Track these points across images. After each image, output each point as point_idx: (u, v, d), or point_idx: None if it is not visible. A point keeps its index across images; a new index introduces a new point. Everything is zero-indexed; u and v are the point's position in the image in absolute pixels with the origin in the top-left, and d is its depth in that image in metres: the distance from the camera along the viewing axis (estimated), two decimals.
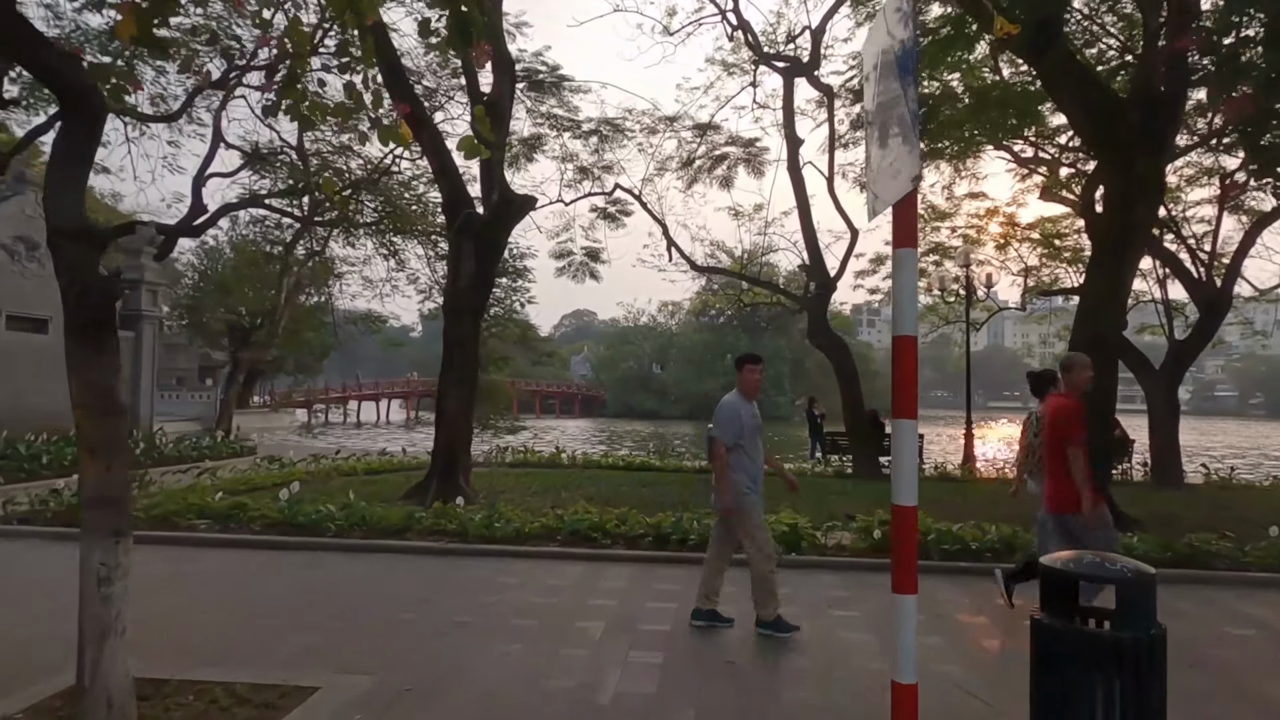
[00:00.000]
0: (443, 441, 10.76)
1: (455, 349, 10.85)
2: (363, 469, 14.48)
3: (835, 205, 17.68)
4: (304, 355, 50.81)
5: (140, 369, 17.93)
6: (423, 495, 10.29)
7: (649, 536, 8.19)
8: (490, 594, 6.51)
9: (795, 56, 17.94)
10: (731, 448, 5.52)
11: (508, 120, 12.39)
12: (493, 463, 16.64)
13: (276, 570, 7.33)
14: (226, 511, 8.98)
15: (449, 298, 11.11)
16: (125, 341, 17.79)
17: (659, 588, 6.78)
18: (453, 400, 10.83)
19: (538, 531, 8.36)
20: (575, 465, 16.48)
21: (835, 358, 16.42)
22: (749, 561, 5.60)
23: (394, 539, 8.28)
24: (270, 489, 11.21)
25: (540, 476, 13.74)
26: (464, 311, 10.84)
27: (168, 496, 9.70)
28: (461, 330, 10.81)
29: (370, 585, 6.82)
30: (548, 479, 13.33)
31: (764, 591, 5.49)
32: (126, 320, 18.08)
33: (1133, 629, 2.98)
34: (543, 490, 11.93)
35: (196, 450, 15.79)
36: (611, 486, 12.67)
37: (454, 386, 10.84)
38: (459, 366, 10.86)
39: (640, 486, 12.85)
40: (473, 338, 11.08)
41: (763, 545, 5.54)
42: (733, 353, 77.80)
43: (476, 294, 10.99)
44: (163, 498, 9.64)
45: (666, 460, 17.09)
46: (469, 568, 7.48)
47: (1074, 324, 10.78)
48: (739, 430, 5.53)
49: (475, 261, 10.83)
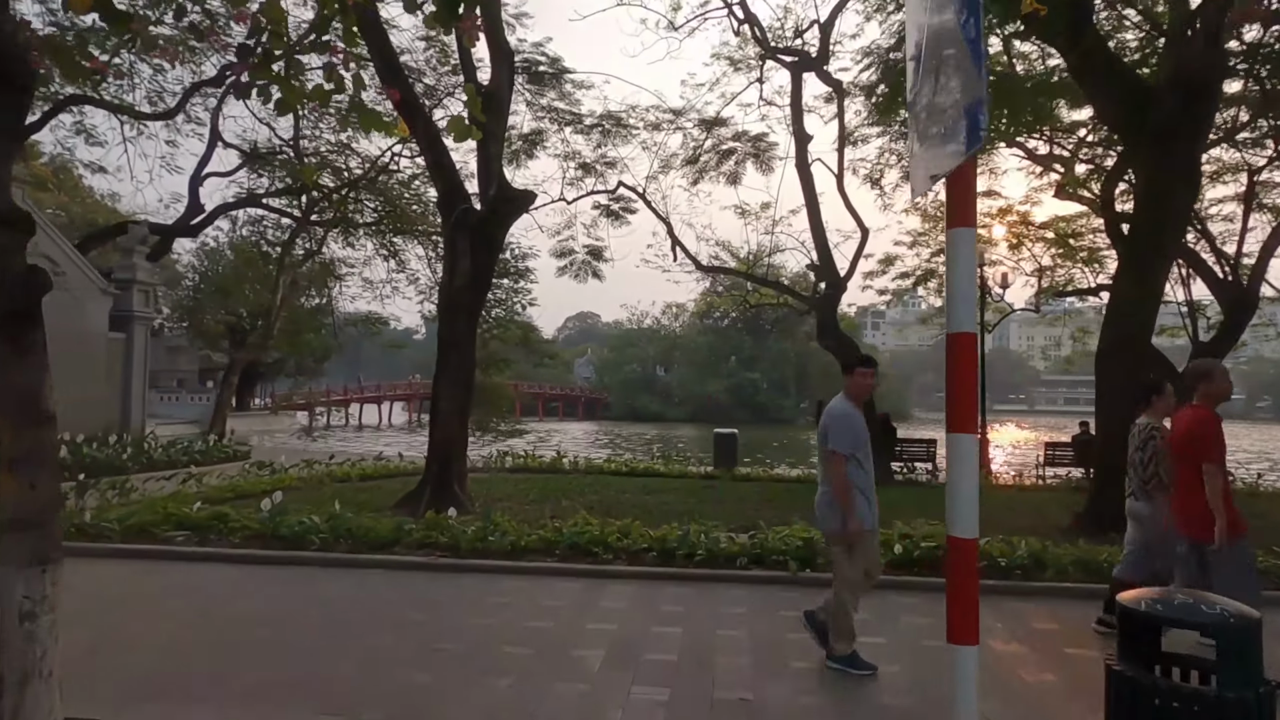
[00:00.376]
0: (437, 447, 10.26)
1: (450, 350, 10.35)
2: (357, 475, 13.99)
3: (845, 203, 17.17)
4: (305, 357, 50.54)
5: (131, 371, 17.50)
6: (415, 504, 9.80)
7: (653, 551, 7.68)
8: (482, 615, 6.01)
9: (804, 51, 17.45)
10: (848, 459, 4.91)
11: (506, 112, 11.91)
12: (492, 468, 16.16)
13: (253, 588, 6.83)
14: (206, 522, 8.50)
15: (444, 297, 10.61)
16: (115, 343, 17.38)
17: (664, 609, 6.27)
18: (447, 403, 10.33)
19: (535, 545, 7.86)
20: (577, 470, 16.00)
21: (845, 359, 15.85)
22: (833, 582, 5.01)
23: (381, 553, 7.78)
24: (258, 497, 10.73)
25: (540, 483, 13.25)
26: (459, 311, 10.34)
27: (147, 505, 9.21)
28: (457, 330, 10.32)
29: (352, 605, 6.32)
30: (548, 486, 12.84)
31: (842, 622, 4.90)
32: (117, 321, 17.65)
33: (1237, 686, 2.47)
34: (541, 498, 11.43)
35: (187, 455, 15.32)
36: (614, 494, 12.17)
37: (449, 389, 10.34)
38: (454, 368, 10.37)
39: (644, 494, 12.36)
40: (469, 338, 10.59)
41: (855, 578, 4.91)
42: (737, 355, 77.56)
43: (473, 293, 10.50)
44: (141, 506, 9.16)
45: (671, 465, 16.59)
46: (460, 585, 6.98)
47: (1103, 324, 10.26)
48: (856, 440, 4.93)
49: (471, 259, 10.34)
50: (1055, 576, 7.12)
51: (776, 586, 6.98)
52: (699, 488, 13.39)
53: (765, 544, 7.58)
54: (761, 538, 7.72)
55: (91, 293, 16.83)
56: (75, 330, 16.42)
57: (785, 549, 7.45)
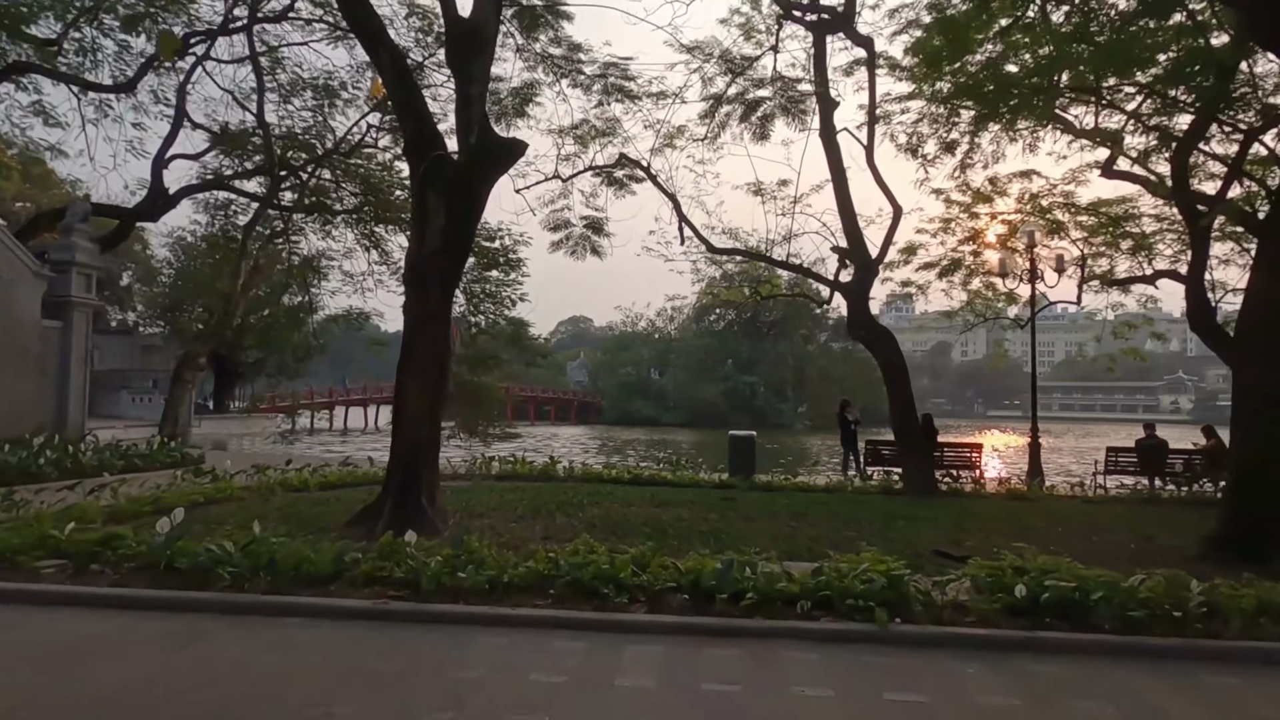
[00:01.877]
0: (401, 451, 8.18)
1: (418, 331, 8.29)
2: (316, 484, 11.89)
3: (875, 179, 15.21)
4: (286, 357, 48.27)
5: (69, 364, 15.35)
6: (371, 522, 7.76)
7: (682, 592, 5.66)
8: (441, 699, 4.00)
9: (830, 7, 15.50)
10: None
11: (491, 51, 9.90)
12: (475, 474, 14.11)
13: (121, 648, 4.80)
14: (90, 549, 6.43)
15: (411, 264, 8.57)
16: (51, 331, 15.26)
17: (710, 688, 4.26)
18: (415, 397, 8.26)
19: (522, 580, 5.82)
20: (573, 478, 13.94)
21: (881, 351, 13.89)
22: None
23: (313, 593, 5.73)
24: (186, 510, 8.72)
25: (530, 493, 11.22)
26: (430, 281, 8.28)
27: (20, 526, 7.13)
28: (427, 306, 8.25)
29: (254, 680, 4.30)
30: (540, 496, 10.79)
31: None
32: (53, 308, 15.53)
33: None
34: (532, 512, 9.38)
35: (123, 459, 13.25)
36: (619, 507, 10.14)
37: (416, 380, 8.26)
38: (423, 354, 8.30)
39: (654, 507, 10.33)
40: (441, 317, 8.53)
41: None
42: (734, 358, 75.92)
43: (447, 259, 8.43)
44: (12, 527, 7.08)
45: (679, 472, 14.51)
46: (417, 645, 4.95)
47: (1240, 311, 8.36)
48: None
49: (447, 217, 8.30)
50: (1242, 630, 5.14)
51: (861, 647, 4.98)
52: (716, 499, 11.39)
53: (836, 581, 5.56)
54: (832, 572, 5.69)
55: (22, 275, 14.71)
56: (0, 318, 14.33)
57: (865, 589, 5.44)
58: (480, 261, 23.43)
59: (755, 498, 11.88)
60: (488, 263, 24.06)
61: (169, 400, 17.17)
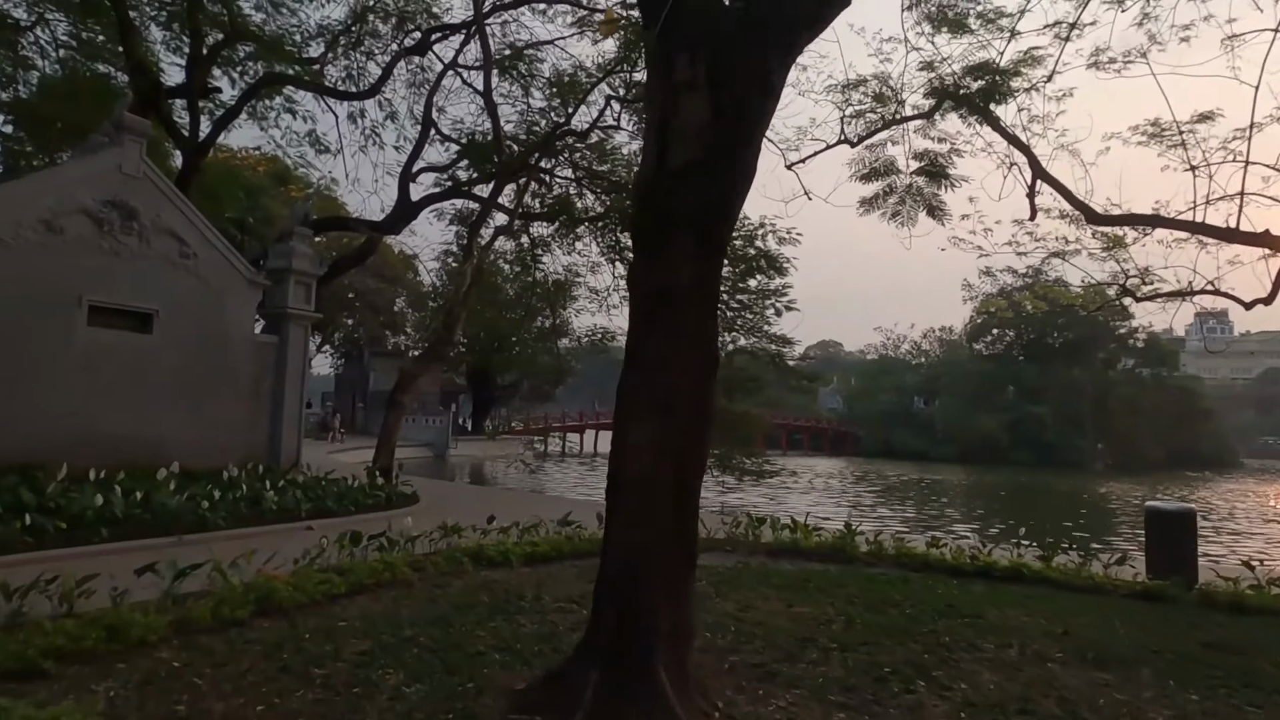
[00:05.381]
0: (615, 566, 4.15)
1: (651, 320, 4.28)
2: (520, 555, 8.34)
3: None
4: (539, 381, 48.03)
5: (284, 383, 13.61)
6: (564, 698, 3.81)
7: None
8: None
9: None
10: None
11: None
12: (738, 541, 9.98)
13: None
14: None
15: (641, 191, 4.58)
16: (266, 348, 13.58)
17: None
18: (640, 451, 4.22)
19: None
20: (882, 558, 9.30)
21: None
22: None
23: None
24: (310, 611, 5.52)
25: (840, 601, 6.83)
26: (674, 220, 4.27)
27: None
28: (669, 267, 4.21)
29: None
30: (861, 618, 6.35)
31: None
32: (270, 320, 13.93)
33: None
34: (864, 672, 4.97)
35: (313, 501, 10.77)
36: (1014, 654, 5.43)
37: (644, 418, 4.20)
38: (658, 363, 4.27)
39: (1084, 664, 5.47)
40: (700, 291, 4.44)
41: None
42: (1016, 384, 65.66)
43: (709, 185, 4.38)
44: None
45: (1055, 559, 9.15)
46: None
47: None
48: None
49: (712, 105, 4.28)
50: None
51: None
52: (1181, 633, 6.25)
53: None
54: None
55: (233, 283, 13.09)
56: (209, 331, 12.71)
57: None
58: (736, 270, 19.46)
59: (1244, 629, 6.51)
60: (746, 269, 20.00)
61: (384, 427, 14.94)
